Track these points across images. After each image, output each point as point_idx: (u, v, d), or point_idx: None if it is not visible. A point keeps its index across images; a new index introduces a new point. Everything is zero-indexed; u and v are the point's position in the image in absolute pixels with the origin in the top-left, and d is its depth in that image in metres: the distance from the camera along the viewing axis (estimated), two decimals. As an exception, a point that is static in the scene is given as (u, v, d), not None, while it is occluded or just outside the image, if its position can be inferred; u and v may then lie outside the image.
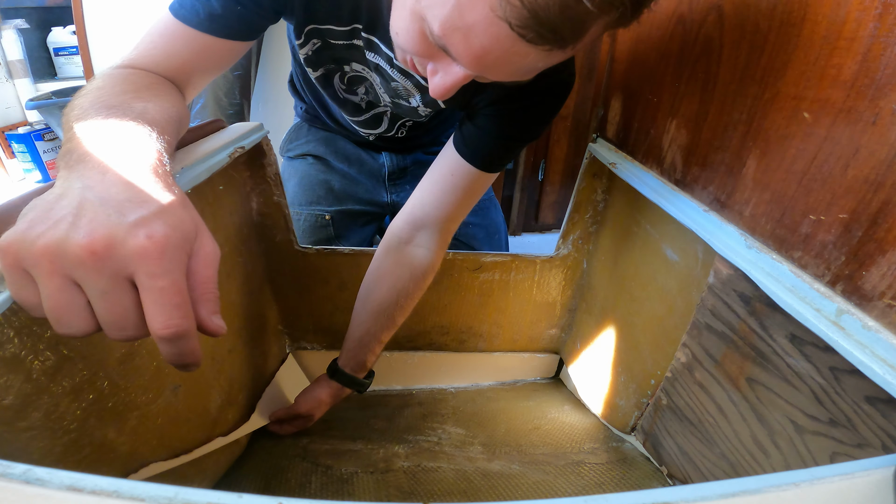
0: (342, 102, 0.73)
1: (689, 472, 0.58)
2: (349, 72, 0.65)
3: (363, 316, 0.68)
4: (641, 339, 0.69)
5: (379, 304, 0.67)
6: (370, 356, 0.70)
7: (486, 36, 0.36)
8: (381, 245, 0.67)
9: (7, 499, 0.20)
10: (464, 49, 0.38)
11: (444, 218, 0.64)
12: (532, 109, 0.59)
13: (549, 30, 0.34)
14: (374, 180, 0.90)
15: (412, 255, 0.66)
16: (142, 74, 0.46)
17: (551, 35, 0.35)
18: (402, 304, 0.67)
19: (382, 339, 0.69)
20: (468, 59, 0.38)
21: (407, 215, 0.65)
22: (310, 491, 0.61)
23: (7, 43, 1.87)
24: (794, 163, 0.42)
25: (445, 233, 0.66)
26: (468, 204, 0.65)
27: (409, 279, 0.66)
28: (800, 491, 0.23)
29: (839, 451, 0.39)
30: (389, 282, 0.66)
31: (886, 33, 0.34)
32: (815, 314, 0.38)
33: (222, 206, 0.63)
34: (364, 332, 0.68)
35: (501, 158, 0.62)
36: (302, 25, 0.58)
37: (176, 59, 0.49)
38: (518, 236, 1.96)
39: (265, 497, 0.21)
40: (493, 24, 0.35)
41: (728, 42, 0.49)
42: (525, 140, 0.62)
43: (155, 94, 0.43)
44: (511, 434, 0.77)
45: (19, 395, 0.33)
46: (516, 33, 0.35)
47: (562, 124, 1.81)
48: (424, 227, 0.65)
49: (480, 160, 0.61)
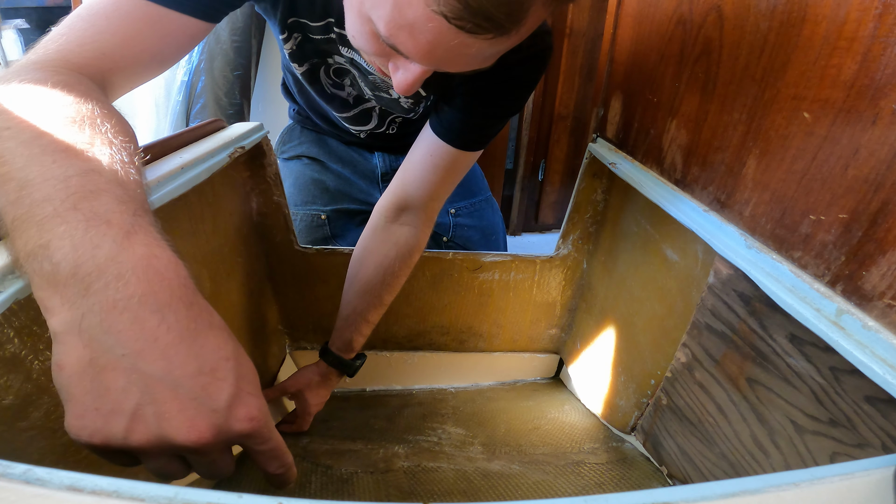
0: (330, 98, 0.73)
1: (689, 472, 0.58)
2: (333, 63, 0.66)
3: (349, 295, 0.68)
4: (641, 339, 0.69)
5: (366, 282, 0.67)
6: (357, 336, 0.69)
7: (428, 31, 0.36)
8: (368, 225, 0.68)
9: (7, 499, 0.20)
10: (412, 46, 0.38)
11: (427, 197, 0.65)
12: (503, 84, 0.59)
13: (485, 18, 0.34)
14: (368, 181, 0.90)
15: (398, 234, 0.66)
16: (74, 91, 0.35)
17: (488, 24, 0.35)
18: (389, 282, 0.67)
19: (370, 319, 0.69)
20: (418, 55, 0.39)
21: (391, 196, 0.66)
22: (310, 491, 0.61)
23: (7, 43, 1.87)
24: (794, 163, 0.42)
25: (430, 211, 0.67)
26: (451, 182, 0.66)
27: (395, 257, 0.66)
28: (800, 491, 0.23)
29: (839, 451, 0.39)
30: (376, 260, 0.67)
31: (886, 33, 0.34)
32: (815, 314, 0.38)
33: (222, 206, 0.63)
34: (351, 311, 0.68)
35: (479, 136, 0.62)
36: (285, 17, 0.58)
37: (133, 44, 0.43)
38: (518, 236, 1.97)
39: (265, 497, 0.21)
40: (432, 19, 0.35)
41: (728, 42, 0.49)
42: (500, 116, 0.62)
43: (112, 128, 0.34)
44: (511, 434, 0.77)
45: (19, 395, 0.33)
46: (454, 26, 0.35)
47: (562, 124, 1.81)
48: (408, 207, 0.66)
49: (456, 138, 0.61)
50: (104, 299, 0.25)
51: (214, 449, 0.27)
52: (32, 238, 0.26)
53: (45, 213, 0.27)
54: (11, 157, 0.29)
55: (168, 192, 0.46)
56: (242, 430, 0.27)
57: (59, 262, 0.26)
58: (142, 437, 0.25)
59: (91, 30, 0.41)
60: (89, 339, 0.25)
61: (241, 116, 1.36)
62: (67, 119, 0.32)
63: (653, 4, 0.63)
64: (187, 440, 0.25)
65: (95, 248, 0.26)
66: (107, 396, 0.25)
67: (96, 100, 0.36)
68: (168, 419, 0.25)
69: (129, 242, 0.27)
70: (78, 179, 0.28)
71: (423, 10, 0.35)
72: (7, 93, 0.33)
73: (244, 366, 0.29)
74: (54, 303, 0.26)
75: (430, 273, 0.83)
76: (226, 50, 1.31)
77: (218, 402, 0.27)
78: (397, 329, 0.88)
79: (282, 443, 0.31)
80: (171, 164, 0.49)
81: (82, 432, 0.25)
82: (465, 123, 0.60)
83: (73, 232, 0.26)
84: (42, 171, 0.28)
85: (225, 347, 0.28)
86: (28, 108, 0.32)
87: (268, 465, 0.31)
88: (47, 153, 0.29)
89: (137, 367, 0.25)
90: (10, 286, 0.31)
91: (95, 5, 0.42)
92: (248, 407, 0.28)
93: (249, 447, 0.29)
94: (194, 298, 0.29)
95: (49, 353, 0.35)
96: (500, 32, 0.36)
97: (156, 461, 0.27)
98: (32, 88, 0.34)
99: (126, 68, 0.44)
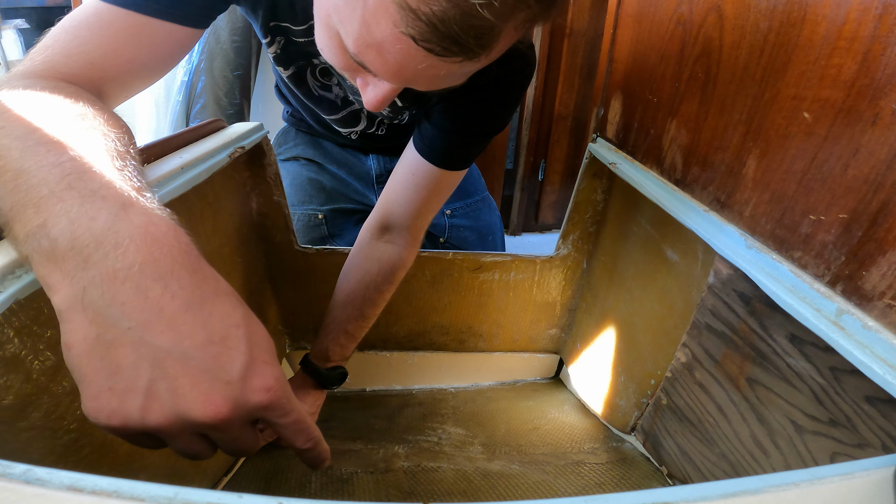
0: (318, 101, 0.73)
1: (689, 472, 0.58)
2: (319, 63, 0.65)
3: (331, 306, 0.68)
4: (641, 339, 0.69)
5: (346, 294, 0.67)
6: (333, 346, 0.68)
7: (396, 52, 0.35)
8: (355, 243, 0.68)
9: (7, 499, 0.20)
10: (380, 65, 0.37)
11: (411, 216, 0.65)
12: (483, 102, 0.58)
13: (453, 42, 0.33)
14: (363, 182, 0.90)
15: (381, 250, 0.66)
16: (63, 92, 0.36)
17: (457, 48, 0.34)
18: (371, 297, 0.67)
19: (350, 331, 0.68)
20: (386, 74, 0.37)
21: (376, 215, 0.66)
22: (310, 491, 0.61)
23: (7, 43, 1.87)
24: (794, 163, 0.42)
25: (415, 230, 0.67)
26: (436, 202, 0.65)
27: (377, 273, 0.66)
28: (800, 491, 0.23)
29: (839, 451, 0.39)
30: (357, 275, 0.67)
31: (886, 33, 0.34)
32: (815, 314, 0.38)
33: (222, 206, 0.63)
34: (331, 320, 0.68)
35: (462, 155, 0.61)
36: (266, 21, 0.57)
37: (119, 55, 0.42)
38: (518, 236, 1.96)
39: (265, 497, 0.21)
40: (400, 40, 0.34)
41: (728, 42, 0.49)
42: (481, 135, 0.61)
43: (101, 118, 0.35)
44: (511, 434, 0.77)
45: (19, 395, 0.33)
46: (422, 48, 0.33)
47: (562, 124, 1.81)
48: (392, 227, 0.66)
49: (439, 158, 0.60)
50: (104, 270, 0.25)
51: (234, 424, 0.26)
52: (30, 219, 0.26)
53: (41, 194, 0.27)
54: (6, 152, 0.29)
55: (168, 192, 0.46)
56: (260, 401, 0.26)
57: (57, 238, 0.26)
58: (159, 416, 0.25)
59: (75, 41, 0.41)
60: (94, 313, 0.25)
61: (241, 116, 1.36)
62: (60, 115, 0.32)
63: (653, 4, 0.62)
64: (204, 417, 0.25)
65: (92, 221, 0.26)
66: (118, 374, 0.25)
67: (87, 99, 0.37)
68: (182, 395, 0.25)
69: (126, 213, 0.27)
70: (72, 163, 0.28)
71: (391, 31, 0.33)
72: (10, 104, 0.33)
73: (256, 333, 0.28)
74: (55, 279, 0.26)
75: (430, 273, 0.83)
76: (226, 50, 1.31)
77: (231, 373, 0.26)
78: (397, 329, 0.88)
79: (305, 415, 0.30)
80: (171, 164, 0.49)
81: (100, 414, 0.25)
82: (446, 142, 0.59)
83: (70, 208, 0.26)
84: (37, 160, 0.28)
85: (234, 314, 0.27)
86: (20, 108, 0.32)
87: (295, 439, 0.30)
88: (41, 144, 0.29)
89: (145, 340, 0.25)
90: (10, 286, 0.31)
91: (79, 17, 0.42)
92: (264, 377, 0.27)
93: (271, 421, 0.28)
94: (198, 264, 0.28)
95: (49, 353, 0.35)
96: (468, 56, 0.35)
97: (178, 441, 0.26)
98: (22, 93, 0.34)
99: (115, 78, 0.43)
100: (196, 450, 0.27)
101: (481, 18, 0.31)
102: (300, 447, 0.30)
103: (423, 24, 0.32)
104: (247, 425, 0.28)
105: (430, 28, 0.32)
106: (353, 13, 0.34)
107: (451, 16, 0.31)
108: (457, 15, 0.31)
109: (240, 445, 0.28)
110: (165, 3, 0.43)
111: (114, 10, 0.42)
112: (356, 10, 0.34)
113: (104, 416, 0.25)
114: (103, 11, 0.42)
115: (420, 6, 0.31)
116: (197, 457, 0.28)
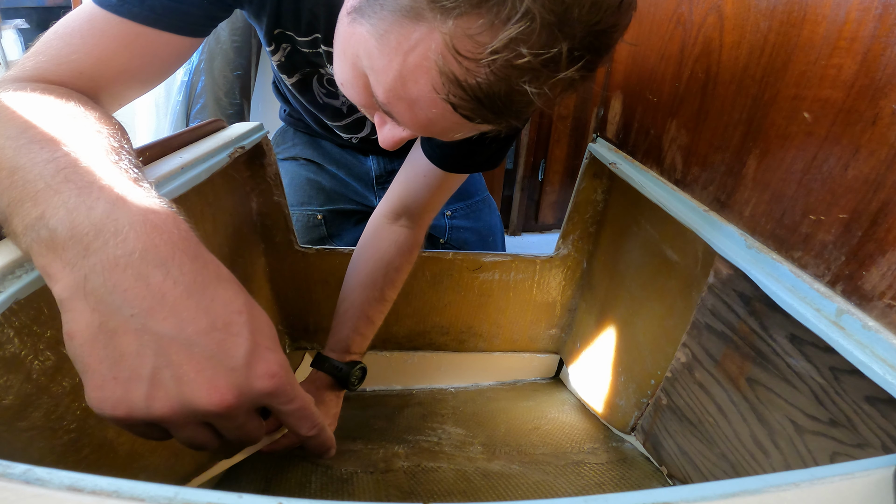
0: (322, 107, 0.72)
1: (689, 472, 0.58)
2: (326, 74, 0.65)
3: (347, 291, 0.66)
4: (641, 339, 0.69)
5: (366, 274, 0.65)
6: (355, 335, 0.64)
7: (429, 111, 0.34)
8: (366, 228, 0.69)
9: (7, 499, 0.20)
10: (409, 119, 0.36)
11: (421, 208, 0.66)
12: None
13: (493, 113, 0.33)
14: (363, 183, 0.90)
15: (397, 232, 0.67)
16: (54, 93, 0.36)
17: (495, 118, 0.34)
18: (392, 276, 0.66)
19: (370, 316, 0.65)
20: (413, 126, 0.37)
21: (388, 203, 0.67)
22: (310, 491, 0.61)
23: (7, 43, 1.87)
24: (794, 163, 0.42)
25: (426, 218, 0.69)
26: (444, 196, 0.67)
27: (396, 252, 0.66)
28: (800, 491, 0.23)
29: (839, 451, 0.39)
30: (377, 254, 0.66)
31: (886, 33, 0.34)
32: (815, 314, 0.38)
33: (222, 206, 0.63)
34: (349, 306, 0.64)
35: (468, 162, 0.62)
36: (270, 28, 0.56)
37: (111, 65, 0.41)
38: (518, 236, 1.97)
39: (265, 497, 0.21)
40: (436, 105, 0.33)
41: (728, 42, 0.49)
42: (493, 141, 0.61)
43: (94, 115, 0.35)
44: (511, 434, 0.77)
45: (19, 395, 0.33)
46: (459, 114, 0.33)
47: (562, 124, 1.81)
48: (404, 215, 0.67)
49: (448, 164, 0.61)
50: (105, 257, 0.25)
51: (239, 412, 0.26)
52: (28, 212, 0.27)
53: (37, 188, 0.27)
54: (0, 152, 0.29)
55: (168, 192, 0.46)
56: (264, 388, 0.27)
57: (56, 227, 0.26)
58: (164, 405, 0.25)
59: (66, 49, 0.40)
60: (96, 301, 0.25)
61: (241, 116, 1.36)
62: (51, 114, 0.32)
63: (653, 4, 0.62)
64: (209, 404, 0.25)
65: (90, 210, 0.26)
66: (122, 363, 0.24)
67: (77, 99, 0.37)
68: (187, 382, 0.25)
69: (124, 201, 0.27)
70: (66, 158, 0.28)
71: (429, 93, 0.33)
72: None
73: (258, 319, 0.28)
74: (56, 268, 0.25)
75: (430, 273, 0.83)
76: (226, 50, 1.31)
77: (235, 359, 0.26)
78: (397, 329, 0.88)
79: (310, 401, 0.30)
80: (171, 164, 0.49)
81: (104, 405, 0.24)
82: (454, 148, 0.60)
83: (67, 199, 0.26)
84: (31, 157, 0.28)
85: (236, 300, 0.28)
86: (10, 109, 0.32)
87: (299, 426, 0.30)
88: (34, 142, 0.29)
89: (148, 328, 0.25)
90: (10, 286, 0.31)
91: (72, 23, 0.41)
92: (268, 363, 0.27)
93: (275, 408, 0.28)
94: (198, 251, 0.28)
95: (49, 353, 0.35)
96: (503, 125, 0.35)
97: (183, 431, 0.26)
98: (13, 94, 0.34)
99: (107, 87, 0.42)
100: (201, 440, 0.27)
101: (528, 97, 0.31)
102: (305, 434, 0.30)
103: (466, 95, 0.32)
104: (251, 413, 0.28)
105: (472, 99, 0.32)
106: (390, 65, 0.33)
107: (497, 91, 0.31)
108: (502, 91, 0.31)
109: (244, 434, 0.28)
110: (163, 12, 0.42)
111: (108, 18, 0.40)
112: (393, 63, 0.33)
113: (109, 407, 0.24)
114: (98, 18, 0.40)
115: (467, 78, 0.31)
116: (202, 447, 0.28)
